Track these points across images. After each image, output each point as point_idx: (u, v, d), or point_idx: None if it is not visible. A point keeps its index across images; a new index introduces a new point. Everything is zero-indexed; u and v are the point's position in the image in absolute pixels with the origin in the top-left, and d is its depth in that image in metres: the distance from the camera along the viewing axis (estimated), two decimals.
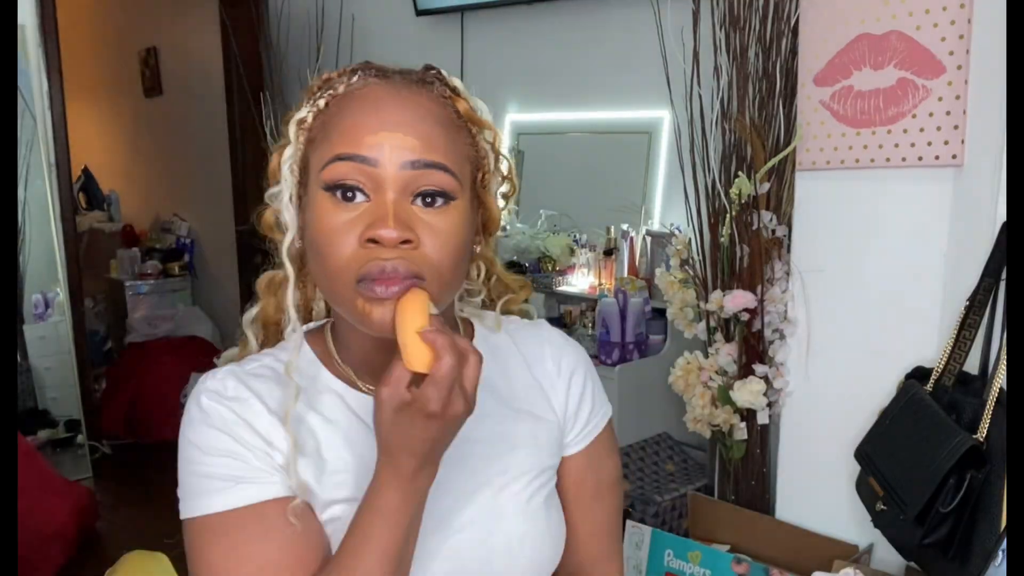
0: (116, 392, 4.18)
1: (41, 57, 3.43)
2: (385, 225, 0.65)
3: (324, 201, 0.68)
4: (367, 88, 0.71)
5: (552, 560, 0.80)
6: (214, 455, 0.71)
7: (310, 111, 0.72)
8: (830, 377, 1.77)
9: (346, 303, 0.67)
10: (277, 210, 0.75)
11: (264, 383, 0.74)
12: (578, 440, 0.84)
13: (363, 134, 0.67)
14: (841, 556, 1.69)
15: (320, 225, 0.67)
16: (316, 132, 0.71)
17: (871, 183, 1.65)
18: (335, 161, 0.67)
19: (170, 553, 1.64)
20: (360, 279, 0.65)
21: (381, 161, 0.66)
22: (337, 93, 0.72)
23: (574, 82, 2.88)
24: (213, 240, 4.76)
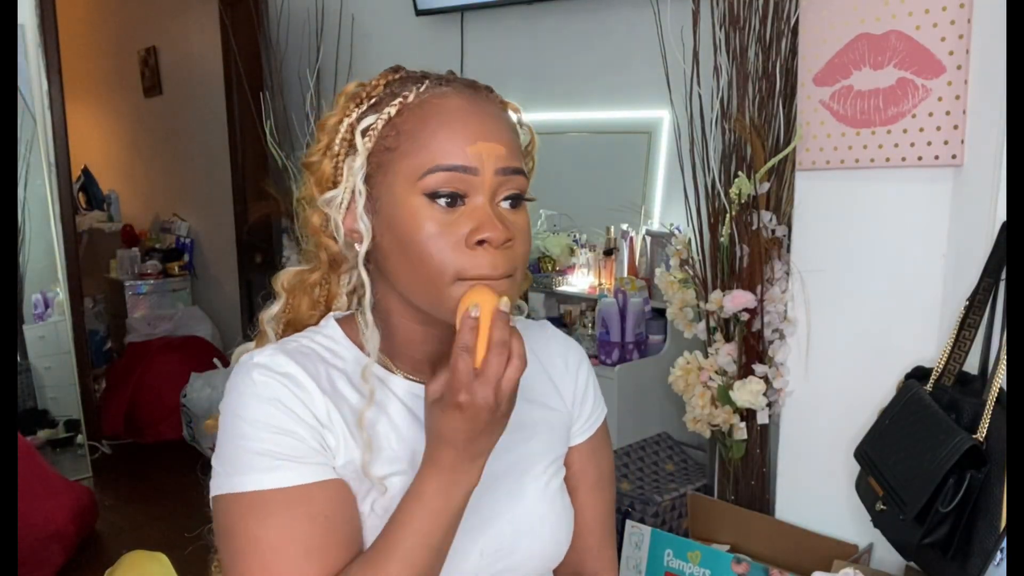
0: (116, 392, 4.18)
1: (41, 57, 3.43)
2: (493, 228, 0.70)
3: (423, 207, 0.71)
4: (445, 99, 0.74)
5: (565, 545, 0.85)
6: (267, 431, 0.71)
7: (379, 118, 0.74)
8: (830, 377, 1.77)
9: (443, 297, 0.71)
10: (325, 213, 0.77)
11: (309, 361, 0.76)
12: (582, 431, 0.91)
13: (462, 145, 0.71)
14: (841, 556, 1.69)
15: (418, 229, 0.71)
16: (393, 141, 0.73)
17: (871, 183, 1.65)
18: (437, 171, 0.71)
19: (170, 553, 1.64)
20: (463, 277, 0.71)
21: (479, 170, 0.71)
22: (408, 102, 0.74)
23: (574, 82, 2.88)
24: (213, 240, 4.76)
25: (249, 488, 0.70)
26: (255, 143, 3.59)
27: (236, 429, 0.72)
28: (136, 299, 4.72)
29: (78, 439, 3.66)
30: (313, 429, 0.72)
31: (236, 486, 0.70)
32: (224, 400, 0.75)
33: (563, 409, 0.89)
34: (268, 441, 0.70)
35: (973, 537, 1.28)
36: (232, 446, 0.72)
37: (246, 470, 0.70)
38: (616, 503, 2.13)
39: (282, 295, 0.83)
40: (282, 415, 0.71)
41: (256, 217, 3.82)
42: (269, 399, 0.72)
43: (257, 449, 0.70)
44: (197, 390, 3.77)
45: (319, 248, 0.80)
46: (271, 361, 0.74)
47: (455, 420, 0.66)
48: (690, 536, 1.97)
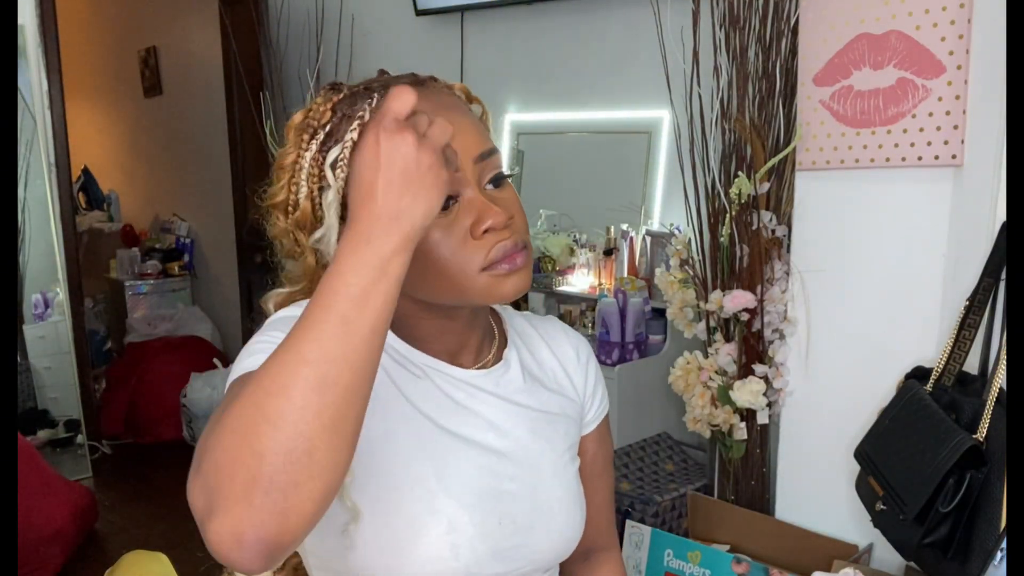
0: (116, 392, 4.18)
1: (41, 57, 3.43)
2: (492, 214, 0.72)
3: None
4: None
5: (579, 532, 0.87)
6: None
7: (343, 147, 0.69)
8: (830, 377, 1.77)
9: (473, 290, 0.73)
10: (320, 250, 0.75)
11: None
12: (593, 420, 0.95)
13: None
14: (841, 556, 1.69)
15: (428, 240, 0.71)
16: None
17: (871, 183, 1.65)
18: None
19: (170, 553, 1.64)
20: (485, 267, 0.73)
21: (457, 166, 0.70)
22: (366, 121, 0.69)
23: (574, 82, 2.88)
24: (213, 240, 4.76)
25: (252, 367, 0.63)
26: (255, 143, 3.59)
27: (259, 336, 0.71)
28: (136, 299, 4.72)
29: (78, 439, 3.66)
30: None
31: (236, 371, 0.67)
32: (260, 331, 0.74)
33: (577, 399, 0.92)
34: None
35: (973, 537, 1.28)
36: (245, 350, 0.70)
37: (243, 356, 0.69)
38: (616, 503, 2.13)
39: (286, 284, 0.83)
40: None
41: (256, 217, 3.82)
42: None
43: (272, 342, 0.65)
44: (197, 390, 3.77)
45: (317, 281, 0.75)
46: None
47: (375, 156, 0.59)
48: (690, 536, 1.97)
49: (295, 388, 0.54)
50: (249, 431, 0.54)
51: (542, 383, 0.89)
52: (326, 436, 0.54)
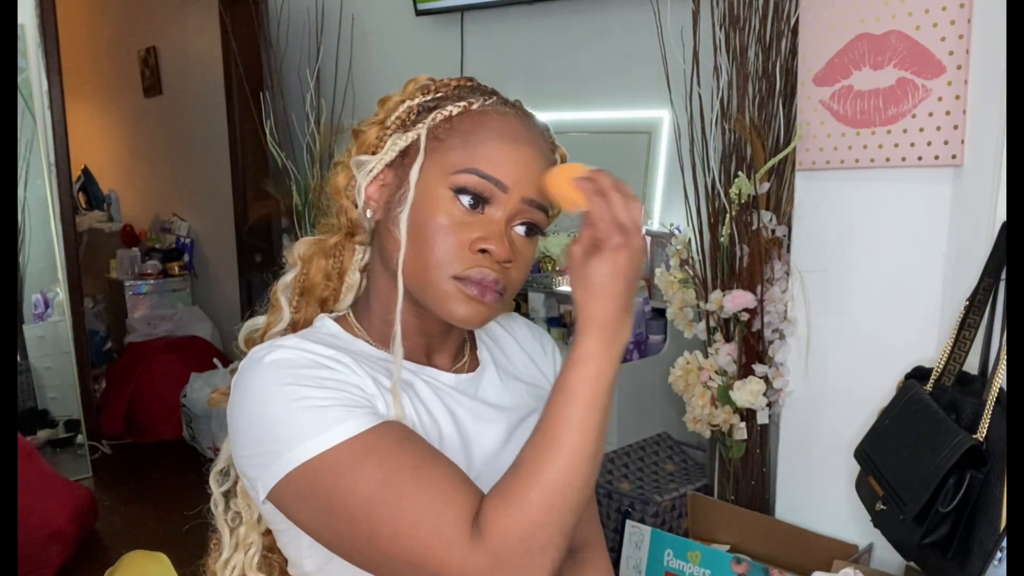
0: (116, 392, 4.18)
1: (41, 57, 3.43)
2: (501, 244, 0.74)
3: (447, 200, 0.74)
4: (505, 118, 0.78)
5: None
6: (321, 390, 0.69)
7: (438, 112, 0.76)
8: (830, 377, 1.77)
9: (435, 290, 0.75)
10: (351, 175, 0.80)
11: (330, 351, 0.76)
12: None
13: (505, 162, 0.75)
14: (841, 556, 1.69)
15: (435, 220, 0.74)
16: (444, 133, 0.76)
17: (871, 183, 1.65)
18: (473, 174, 0.74)
19: (170, 553, 1.64)
20: (459, 277, 0.74)
21: (511, 190, 0.75)
22: (472, 108, 0.77)
23: (574, 82, 2.88)
24: (213, 240, 4.76)
25: (327, 446, 0.66)
26: (255, 143, 3.59)
27: (286, 395, 0.68)
28: (136, 299, 4.72)
29: (78, 439, 3.66)
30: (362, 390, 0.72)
31: (310, 451, 0.66)
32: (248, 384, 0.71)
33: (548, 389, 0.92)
34: (327, 399, 0.68)
35: (973, 537, 1.28)
36: (284, 416, 0.68)
37: (315, 432, 0.67)
38: (616, 503, 2.13)
39: (297, 264, 0.84)
40: (331, 373, 0.71)
41: (256, 217, 3.82)
42: (312, 365, 0.71)
43: (318, 407, 0.68)
44: (197, 390, 3.77)
45: (339, 212, 0.82)
46: (301, 344, 0.73)
47: (616, 264, 0.68)
48: (690, 536, 1.97)
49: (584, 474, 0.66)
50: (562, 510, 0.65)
51: (516, 377, 0.91)
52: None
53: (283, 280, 0.84)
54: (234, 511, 0.87)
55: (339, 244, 0.84)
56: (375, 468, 0.66)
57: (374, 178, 0.78)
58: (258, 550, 0.86)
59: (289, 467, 0.67)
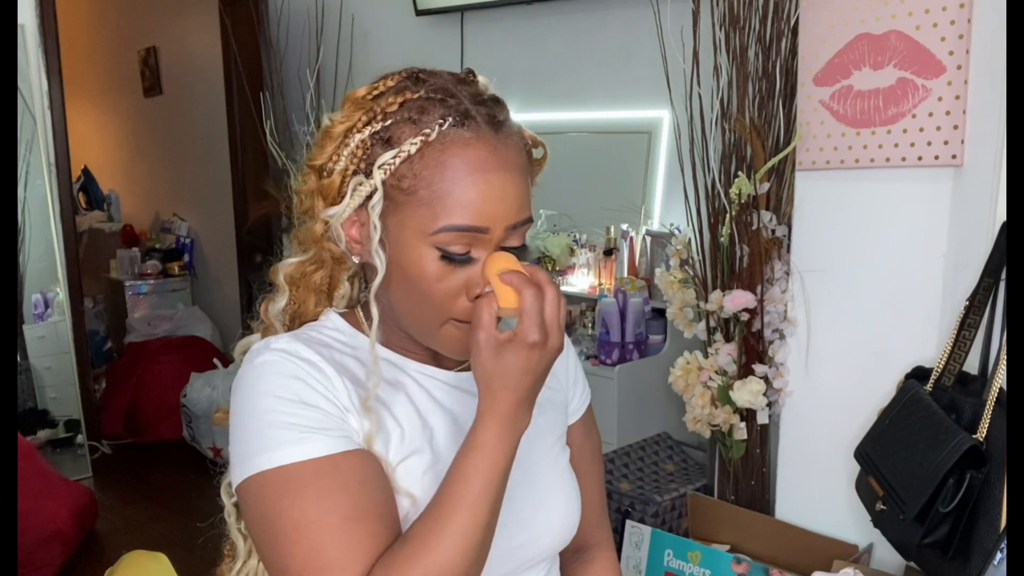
0: (116, 392, 4.18)
1: (41, 57, 3.43)
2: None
3: (429, 256, 0.72)
4: (467, 148, 0.71)
5: (577, 518, 0.87)
6: (292, 405, 0.71)
7: (397, 156, 0.72)
8: (830, 377, 1.77)
9: (435, 333, 0.76)
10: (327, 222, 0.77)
11: (324, 348, 0.77)
12: (577, 410, 0.95)
13: (480, 203, 0.71)
14: (841, 556, 1.69)
15: (423, 276, 0.73)
16: (409, 183, 0.72)
17: (871, 183, 1.65)
18: (450, 231, 0.71)
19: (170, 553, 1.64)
20: (455, 319, 0.74)
21: (492, 229, 0.72)
22: (430, 141, 0.71)
23: (574, 82, 2.88)
24: (213, 240, 4.76)
25: (276, 464, 0.69)
26: (255, 143, 3.59)
27: (259, 405, 0.71)
28: (136, 299, 4.72)
29: (78, 439, 3.66)
30: (335, 407, 0.73)
31: (264, 464, 0.69)
32: (238, 385, 0.75)
33: (560, 389, 0.92)
34: (293, 415, 0.70)
35: (973, 537, 1.28)
36: (255, 424, 0.71)
37: (273, 446, 0.70)
38: (616, 503, 2.13)
39: (285, 289, 0.83)
40: (306, 389, 0.72)
41: (256, 217, 3.82)
42: (291, 376, 0.72)
43: (283, 423, 0.70)
44: (197, 390, 3.77)
45: (322, 249, 0.81)
46: (290, 347, 0.75)
47: (528, 360, 0.68)
48: (690, 536, 1.97)
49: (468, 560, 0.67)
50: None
51: None
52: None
53: (276, 307, 0.83)
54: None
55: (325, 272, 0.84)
56: (312, 501, 0.68)
57: (347, 219, 0.77)
58: None
59: (246, 474, 0.70)
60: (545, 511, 0.83)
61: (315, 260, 0.82)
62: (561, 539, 0.86)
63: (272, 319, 0.83)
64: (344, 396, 0.74)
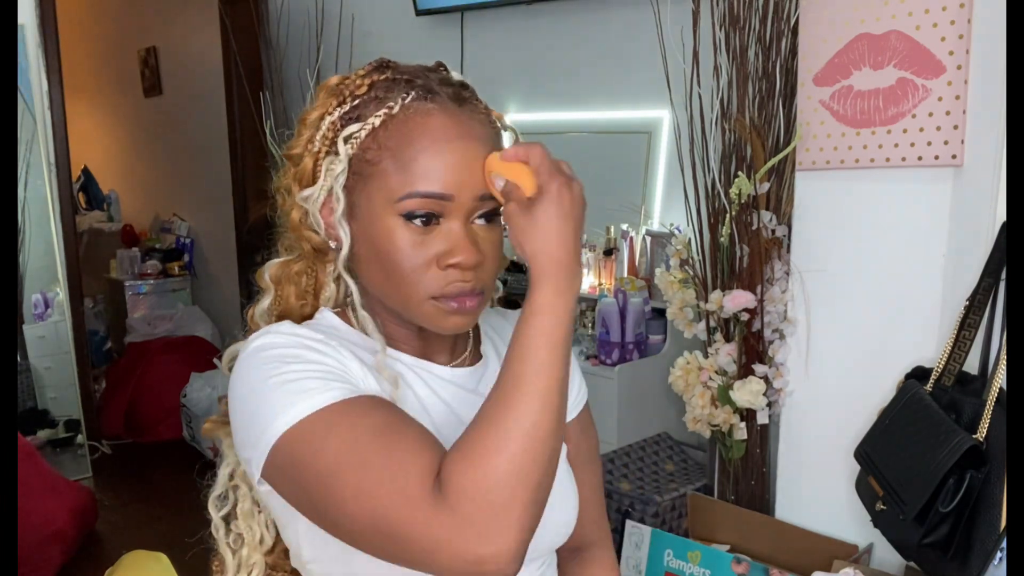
0: (116, 392, 4.18)
1: (41, 57, 3.43)
2: (465, 252, 0.73)
3: (399, 227, 0.73)
4: (429, 117, 0.73)
5: (575, 516, 0.87)
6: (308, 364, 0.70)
7: (362, 128, 0.73)
8: (830, 377, 1.77)
9: (417, 310, 0.75)
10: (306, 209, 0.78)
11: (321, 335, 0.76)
12: (573, 408, 0.93)
13: (442, 174, 0.72)
14: (841, 556, 1.69)
15: (394, 247, 0.73)
16: (375, 155, 0.73)
17: (871, 183, 1.65)
18: (414, 197, 0.72)
19: (170, 553, 1.64)
20: (437, 296, 0.74)
21: (457, 197, 0.72)
22: (392, 114, 0.73)
23: (574, 82, 2.88)
24: (213, 240, 4.76)
25: (297, 418, 0.66)
26: (255, 143, 3.59)
27: (269, 372, 0.69)
28: (136, 299, 4.72)
29: (78, 439, 3.66)
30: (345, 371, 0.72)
31: (286, 423, 0.66)
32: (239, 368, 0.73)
33: None
34: (313, 371, 0.69)
35: (973, 537, 1.28)
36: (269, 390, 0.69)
37: (293, 402, 0.67)
38: (616, 503, 2.13)
39: (270, 287, 0.84)
40: (313, 354, 0.72)
41: (256, 217, 3.82)
42: (293, 346, 0.72)
43: (304, 377, 0.69)
44: (197, 390, 3.77)
45: (301, 240, 0.81)
46: (291, 330, 0.75)
47: (561, 204, 0.67)
48: (690, 536, 1.97)
49: (548, 422, 0.63)
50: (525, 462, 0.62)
51: None
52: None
53: (260, 307, 0.83)
54: (236, 533, 0.87)
55: (308, 266, 0.84)
56: (345, 433, 0.65)
57: (323, 204, 0.77)
58: (261, 570, 0.86)
59: (271, 442, 0.67)
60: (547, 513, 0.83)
61: (297, 257, 0.83)
62: (557, 538, 0.85)
63: (259, 320, 0.83)
64: (356, 366, 0.74)
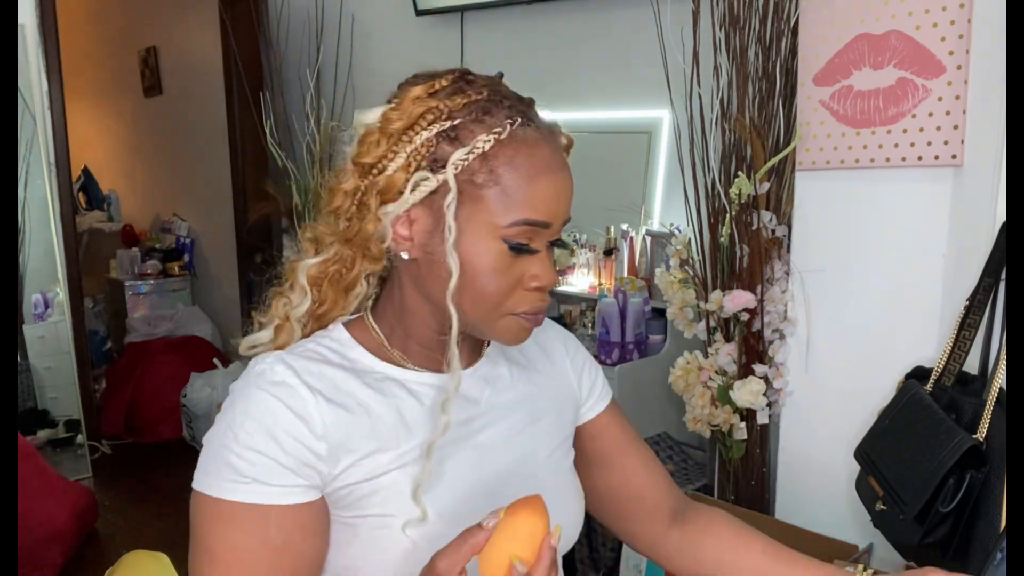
0: (116, 392, 4.18)
1: (41, 57, 3.43)
2: (551, 278, 0.77)
3: (496, 250, 0.74)
4: (536, 147, 0.75)
5: (579, 523, 0.88)
6: (247, 449, 0.72)
7: (472, 152, 0.73)
8: (830, 377, 1.77)
9: (495, 324, 0.77)
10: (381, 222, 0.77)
11: (313, 364, 0.77)
12: (598, 401, 0.96)
13: (548, 201, 0.75)
14: (841, 556, 1.69)
15: (489, 268, 0.74)
16: (483, 178, 0.73)
17: (871, 183, 1.65)
18: (523, 225, 0.74)
19: (170, 553, 1.64)
20: (514, 313, 0.77)
21: (554, 224, 0.76)
22: (501, 139, 0.74)
23: (574, 82, 2.88)
24: (213, 240, 4.76)
25: (214, 494, 0.72)
26: (255, 143, 3.60)
27: (224, 436, 0.73)
28: (136, 299, 4.72)
29: (78, 439, 3.66)
30: (299, 448, 0.73)
31: (205, 487, 0.73)
32: (227, 400, 0.76)
33: (570, 390, 0.93)
34: (244, 459, 0.72)
35: (973, 537, 1.28)
36: (215, 448, 0.73)
37: (217, 477, 0.72)
38: None
39: (307, 290, 0.82)
40: (265, 437, 0.72)
41: (256, 217, 3.82)
42: (259, 419, 0.72)
43: (233, 462, 0.72)
44: (197, 390, 3.77)
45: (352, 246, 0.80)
46: (270, 371, 0.75)
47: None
48: None
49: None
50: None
51: (526, 372, 0.90)
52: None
53: (299, 310, 0.82)
54: None
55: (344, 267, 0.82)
56: (231, 544, 0.71)
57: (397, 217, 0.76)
58: None
59: (194, 484, 0.74)
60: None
61: (338, 259, 0.81)
62: (563, 545, 0.85)
63: (294, 323, 0.82)
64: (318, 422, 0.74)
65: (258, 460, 0.72)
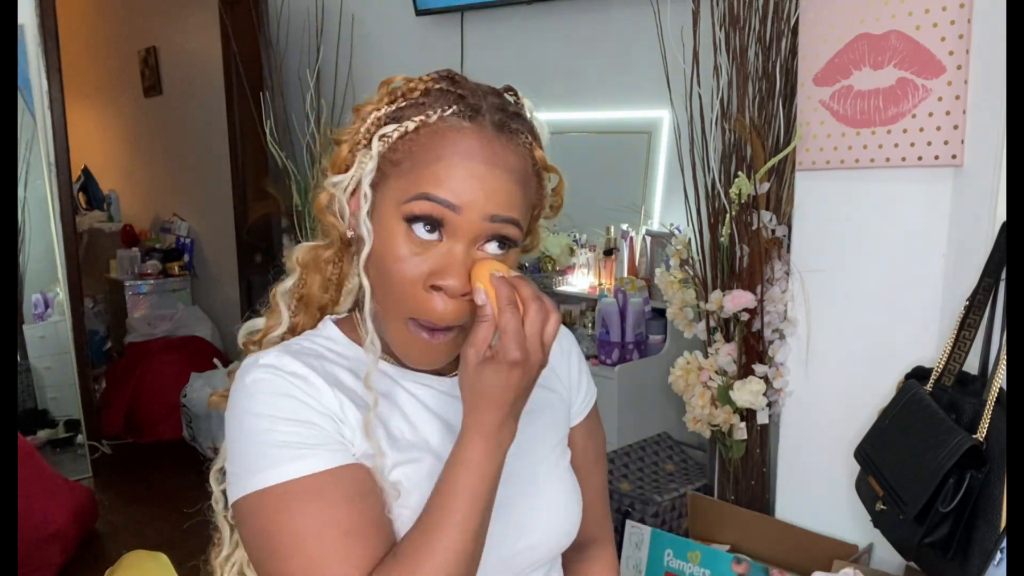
0: (116, 392, 4.18)
1: (41, 57, 3.43)
2: (456, 276, 0.70)
3: (399, 231, 0.72)
4: (461, 135, 0.72)
5: (577, 520, 0.87)
6: (285, 424, 0.71)
7: (396, 129, 0.73)
8: (830, 377, 1.77)
9: (392, 331, 0.75)
10: (332, 194, 0.78)
11: (314, 359, 0.77)
12: (581, 410, 0.94)
13: (456, 180, 0.70)
14: (841, 556, 1.69)
15: (391, 253, 0.72)
16: (400, 156, 0.73)
17: (871, 183, 1.65)
18: (421, 199, 0.70)
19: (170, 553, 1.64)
20: (412, 318, 0.73)
21: (464, 211, 0.70)
22: (429, 122, 0.73)
23: (574, 82, 2.87)
24: (213, 240, 4.76)
25: (275, 481, 0.69)
26: (255, 143, 3.59)
27: (251, 426, 0.71)
28: (136, 299, 4.72)
29: (78, 439, 3.66)
30: (329, 419, 0.73)
31: (261, 482, 0.69)
32: (231, 401, 0.75)
33: (562, 391, 0.92)
34: (288, 432, 0.70)
35: (973, 537, 1.28)
36: (249, 444, 0.71)
37: (270, 464, 0.70)
38: (616, 503, 2.13)
39: (296, 270, 0.84)
40: (299, 406, 0.72)
41: (256, 217, 3.83)
42: (283, 394, 0.72)
43: (278, 441, 0.70)
44: (197, 390, 3.77)
45: (329, 227, 0.81)
46: (277, 362, 0.74)
47: (510, 378, 0.68)
48: (690, 536, 1.97)
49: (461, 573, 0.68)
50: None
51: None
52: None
53: (283, 286, 0.83)
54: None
55: (335, 255, 0.84)
56: (312, 515, 0.68)
57: (352, 195, 0.77)
58: None
59: (245, 491, 0.70)
60: (544, 517, 0.83)
61: (328, 244, 0.83)
62: (560, 544, 0.86)
63: (279, 300, 0.83)
64: (336, 406, 0.74)
65: (302, 430, 0.71)
